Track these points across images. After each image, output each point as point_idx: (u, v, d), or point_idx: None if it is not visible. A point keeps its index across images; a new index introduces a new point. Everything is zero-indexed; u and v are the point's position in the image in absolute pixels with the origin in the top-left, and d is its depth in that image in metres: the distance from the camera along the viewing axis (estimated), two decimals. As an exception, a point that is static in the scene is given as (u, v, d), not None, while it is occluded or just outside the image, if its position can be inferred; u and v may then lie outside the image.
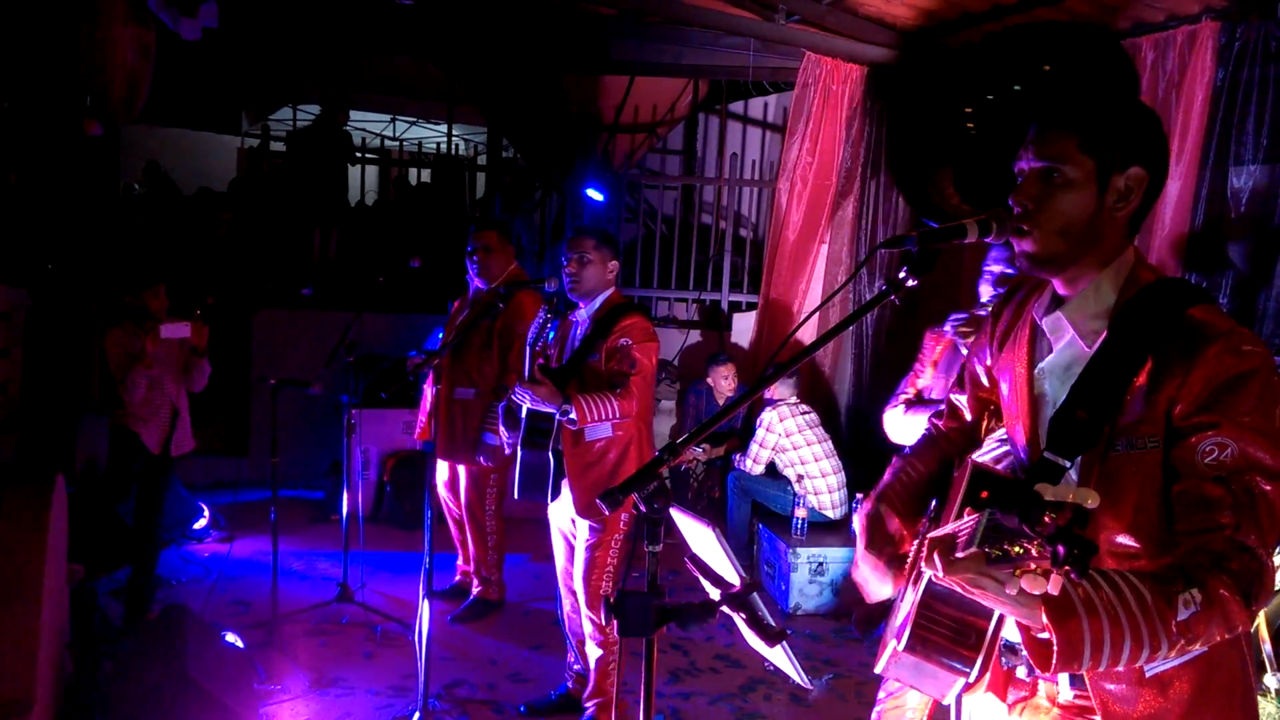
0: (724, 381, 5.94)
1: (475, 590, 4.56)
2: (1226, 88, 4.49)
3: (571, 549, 3.34)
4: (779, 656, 1.41)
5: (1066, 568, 1.08)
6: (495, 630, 4.40)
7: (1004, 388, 1.63)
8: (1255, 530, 1.28)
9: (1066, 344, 1.51)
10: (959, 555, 1.21)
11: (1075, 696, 1.46)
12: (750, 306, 7.18)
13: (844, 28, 5.86)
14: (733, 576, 1.41)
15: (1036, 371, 1.55)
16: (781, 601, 4.82)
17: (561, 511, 3.32)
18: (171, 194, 8.47)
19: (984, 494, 1.51)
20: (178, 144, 10.36)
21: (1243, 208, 4.51)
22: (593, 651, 3.32)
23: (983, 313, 2.60)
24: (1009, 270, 2.62)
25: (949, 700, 1.47)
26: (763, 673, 3.98)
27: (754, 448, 5.20)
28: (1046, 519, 1.10)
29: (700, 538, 1.51)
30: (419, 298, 6.95)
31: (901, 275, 1.55)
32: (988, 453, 1.71)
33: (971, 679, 1.43)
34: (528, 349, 3.53)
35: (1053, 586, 1.10)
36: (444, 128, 10.40)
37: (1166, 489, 1.37)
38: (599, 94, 7.59)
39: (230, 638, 3.60)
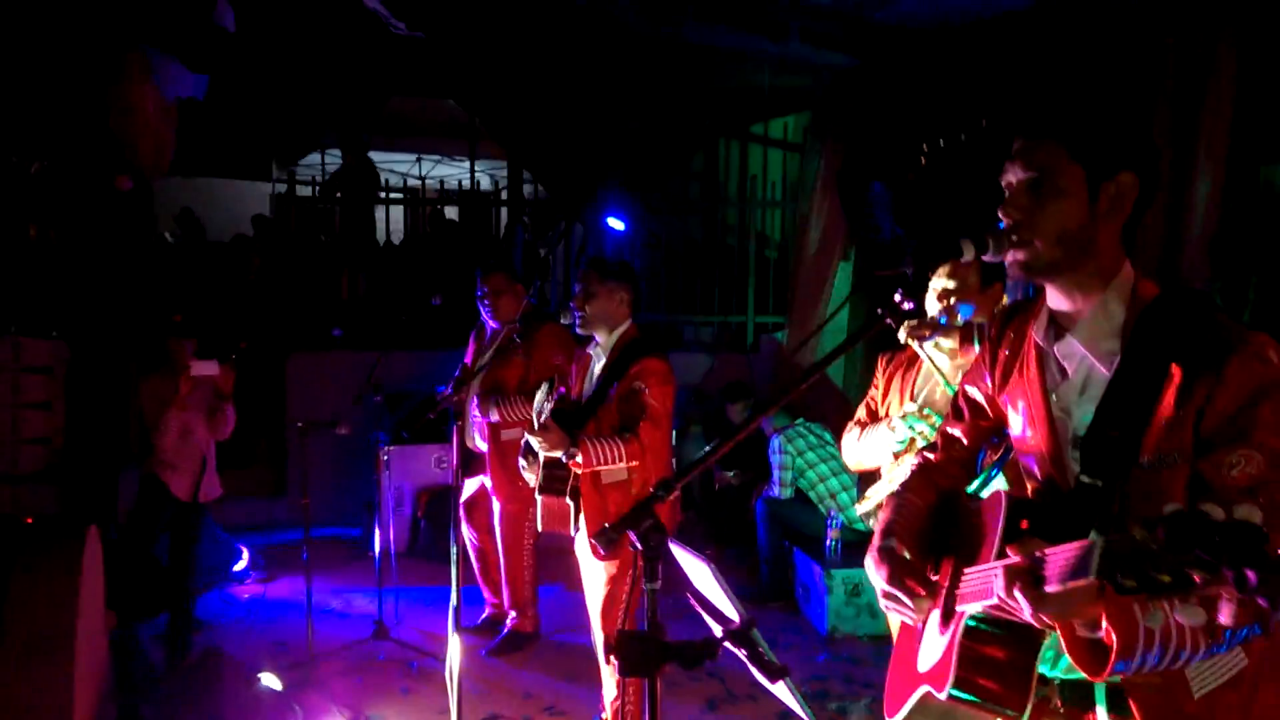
0: (739, 418, 5.93)
1: (510, 622, 4.56)
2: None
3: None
4: (783, 693, 1.39)
5: (1260, 599, 0.95)
6: (529, 663, 4.39)
7: (1015, 417, 1.59)
8: None
9: (1082, 368, 1.49)
10: (1061, 588, 1.19)
11: None
12: (777, 328, 7.15)
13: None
14: (732, 612, 1.40)
15: (1053, 397, 1.52)
16: (818, 624, 4.75)
17: (586, 545, 3.30)
18: (201, 241, 8.66)
19: (1024, 523, 1.45)
20: (212, 193, 10.60)
21: (1274, 206, 4.41)
22: (609, 691, 3.25)
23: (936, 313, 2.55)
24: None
25: None
26: (801, 699, 3.92)
27: (776, 473, 5.22)
28: (1217, 540, 1.00)
29: (698, 573, 1.49)
30: (441, 334, 7.02)
31: (897, 298, 1.54)
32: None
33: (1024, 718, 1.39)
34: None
35: (1224, 616, 0.98)
36: (466, 164, 10.56)
37: (1193, 501, 1.35)
38: (616, 120, 7.65)
39: (267, 678, 3.63)
